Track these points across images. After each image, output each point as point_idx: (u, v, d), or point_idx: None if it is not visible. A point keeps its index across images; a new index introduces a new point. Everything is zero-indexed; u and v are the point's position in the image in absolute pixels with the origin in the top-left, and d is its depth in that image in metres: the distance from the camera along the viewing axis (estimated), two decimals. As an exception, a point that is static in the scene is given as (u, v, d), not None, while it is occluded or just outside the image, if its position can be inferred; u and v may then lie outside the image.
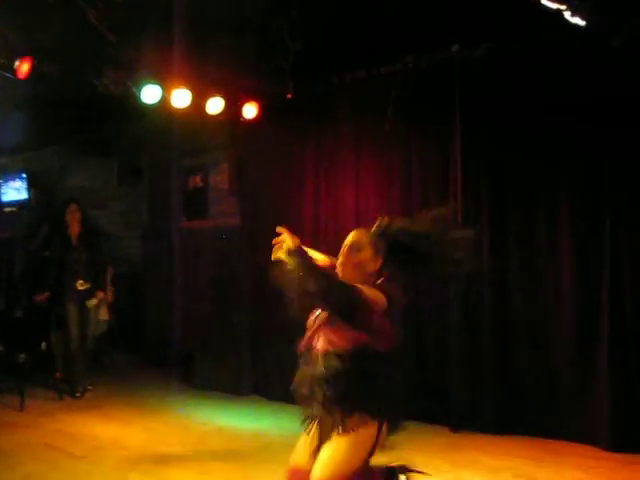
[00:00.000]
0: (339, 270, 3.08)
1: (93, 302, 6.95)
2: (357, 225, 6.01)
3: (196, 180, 8.06)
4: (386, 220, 3.18)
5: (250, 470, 3.60)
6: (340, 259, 3.10)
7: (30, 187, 10.33)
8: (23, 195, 10.49)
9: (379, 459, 2.96)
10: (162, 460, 4.71)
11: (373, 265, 3.07)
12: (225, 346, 6.90)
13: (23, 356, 6.45)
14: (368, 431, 2.93)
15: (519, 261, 5.37)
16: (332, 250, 6.15)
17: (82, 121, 8.50)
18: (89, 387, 6.89)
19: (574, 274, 5.12)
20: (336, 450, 2.90)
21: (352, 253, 3.08)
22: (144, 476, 4.35)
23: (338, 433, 2.91)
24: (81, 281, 6.78)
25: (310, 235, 6.36)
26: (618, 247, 4.92)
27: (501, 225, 5.45)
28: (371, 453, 2.95)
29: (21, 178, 10.63)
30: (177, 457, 4.73)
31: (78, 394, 6.81)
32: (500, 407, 5.38)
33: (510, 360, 5.38)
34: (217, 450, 4.90)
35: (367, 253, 3.09)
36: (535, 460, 4.69)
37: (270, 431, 5.35)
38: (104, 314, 7.23)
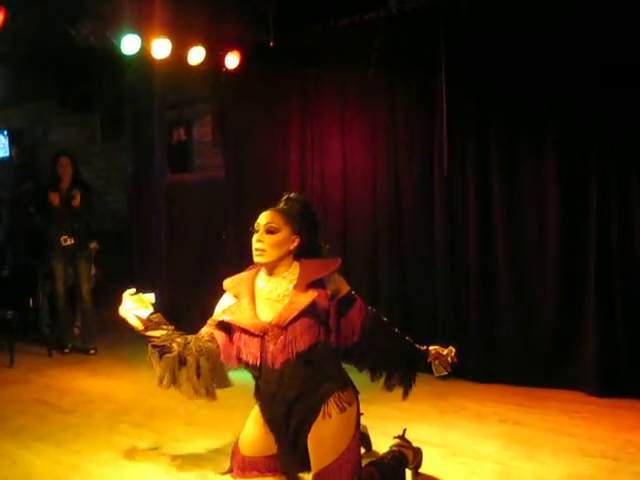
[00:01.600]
0: (259, 252, 3.11)
1: (94, 245, 6.89)
2: (343, 173, 6.08)
3: (180, 133, 7.98)
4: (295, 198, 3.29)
5: (237, 420, 3.61)
6: (256, 241, 3.13)
7: (12, 144, 10.20)
8: (5, 153, 10.37)
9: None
10: (151, 412, 4.74)
11: (291, 243, 3.14)
12: (211, 299, 6.88)
13: (11, 313, 6.44)
14: (354, 403, 3.09)
15: (504, 206, 5.33)
16: (319, 200, 6.16)
17: (62, 75, 8.36)
18: (92, 352, 6.80)
19: (559, 219, 5.10)
20: (337, 429, 3.00)
21: (268, 234, 3.13)
22: (133, 428, 4.38)
23: (329, 416, 3.01)
24: (65, 237, 6.71)
25: (297, 186, 6.35)
26: (606, 189, 4.88)
27: (486, 167, 5.40)
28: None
29: (2, 135, 10.51)
30: (166, 409, 4.74)
31: (66, 350, 6.83)
32: (485, 356, 5.41)
33: (494, 307, 5.40)
34: (205, 402, 4.90)
35: (285, 233, 3.13)
36: (521, 406, 4.74)
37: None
38: (92, 269, 7.20)
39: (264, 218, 3.16)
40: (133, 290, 3.15)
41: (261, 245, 3.11)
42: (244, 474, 3.37)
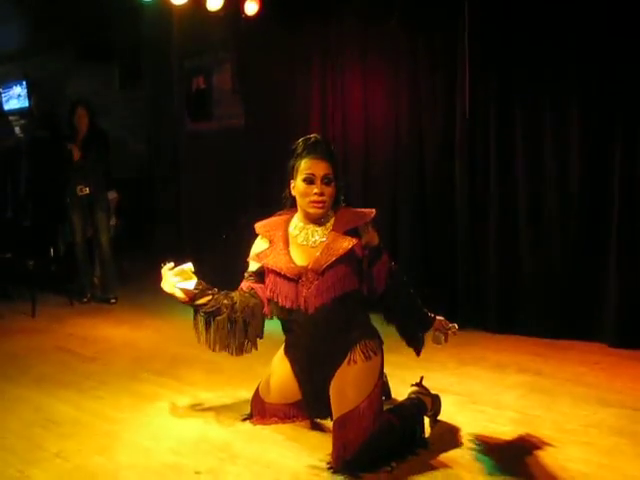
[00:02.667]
0: (321, 205, 3.11)
1: (114, 195, 6.89)
2: (365, 121, 6.01)
3: (199, 81, 7.91)
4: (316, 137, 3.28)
5: (259, 368, 3.65)
6: (319, 194, 3.10)
7: (31, 94, 10.20)
8: (24, 103, 10.38)
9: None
10: (173, 360, 4.78)
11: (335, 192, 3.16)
12: (234, 248, 6.90)
13: (32, 262, 6.49)
14: (379, 353, 3.16)
15: (526, 149, 5.24)
16: (341, 147, 6.13)
17: (80, 24, 8.31)
18: (112, 300, 6.85)
19: (582, 168, 5.00)
20: (361, 376, 3.07)
21: (327, 185, 3.12)
22: (155, 376, 4.42)
23: (355, 362, 3.08)
24: (81, 186, 6.69)
25: (318, 132, 6.28)
26: (631, 124, 4.76)
27: (508, 110, 5.30)
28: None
29: (21, 85, 10.51)
30: (187, 357, 4.79)
31: (85, 299, 6.88)
32: (504, 306, 5.39)
33: (514, 259, 5.35)
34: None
35: (335, 183, 3.15)
36: (540, 356, 4.73)
37: (278, 329, 5.34)
38: (112, 219, 7.21)
39: (320, 168, 3.11)
40: (171, 264, 3.16)
41: (323, 197, 3.10)
42: (264, 420, 3.43)
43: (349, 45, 6.15)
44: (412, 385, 3.53)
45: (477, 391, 4.00)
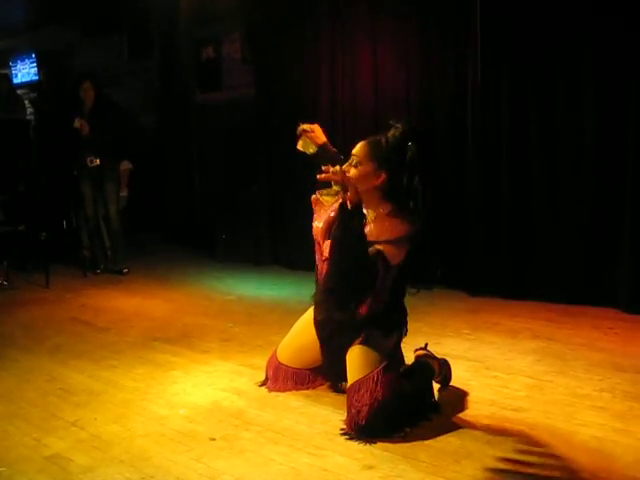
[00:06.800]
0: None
1: (126, 165, 6.86)
2: (375, 89, 5.94)
3: (209, 51, 7.87)
4: (399, 129, 3.10)
5: (271, 336, 3.66)
6: (347, 171, 3.04)
7: (40, 67, 10.17)
8: (34, 76, 10.36)
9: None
10: (186, 329, 4.80)
11: (375, 179, 3.03)
12: (245, 218, 6.92)
13: (45, 234, 6.51)
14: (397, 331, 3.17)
15: (538, 117, 5.17)
16: (350, 115, 6.08)
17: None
18: (125, 270, 6.87)
19: (596, 131, 4.92)
20: (377, 345, 3.08)
21: (353, 167, 3.06)
22: (168, 344, 4.44)
23: (369, 339, 3.07)
24: (91, 158, 6.67)
25: (327, 101, 6.27)
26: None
27: (520, 79, 5.21)
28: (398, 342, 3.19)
29: (30, 59, 10.48)
30: (200, 326, 4.82)
31: (98, 271, 6.92)
32: (517, 272, 5.36)
33: (527, 223, 5.31)
34: (239, 318, 4.98)
35: (367, 167, 3.04)
36: (554, 322, 4.71)
37: (290, 299, 5.40)
38: (123, 190, 7.21)
39: (354, 148, 3.12)
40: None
41: (348, 173, 3.07)
42: (278, 385, 3.44)
43: (358, 11, 6.07)
44: (416, 350, 3.52)
45: (491, 357, 3.99)
